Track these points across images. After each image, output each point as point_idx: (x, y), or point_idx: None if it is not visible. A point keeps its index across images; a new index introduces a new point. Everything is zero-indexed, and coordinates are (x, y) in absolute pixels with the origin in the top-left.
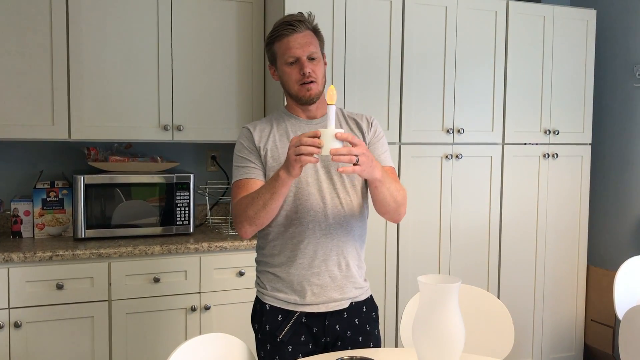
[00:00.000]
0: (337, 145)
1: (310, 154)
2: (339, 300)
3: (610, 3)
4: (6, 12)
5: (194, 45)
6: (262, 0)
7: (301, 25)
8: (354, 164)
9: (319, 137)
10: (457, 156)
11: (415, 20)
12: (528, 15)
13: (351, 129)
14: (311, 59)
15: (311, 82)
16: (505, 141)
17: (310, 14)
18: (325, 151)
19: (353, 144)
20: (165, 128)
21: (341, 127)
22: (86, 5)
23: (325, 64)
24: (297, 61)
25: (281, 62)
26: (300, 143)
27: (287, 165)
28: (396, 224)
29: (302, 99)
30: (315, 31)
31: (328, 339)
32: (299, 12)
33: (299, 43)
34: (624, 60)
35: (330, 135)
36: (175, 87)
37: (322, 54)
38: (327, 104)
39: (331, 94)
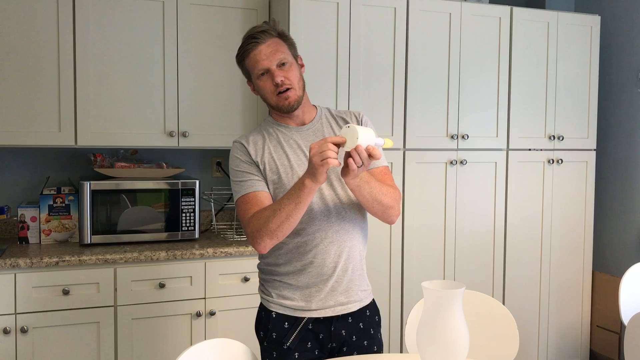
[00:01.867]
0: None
1: (335, 158)
2: (345, 304)
3: (614, 9)
4: (14, 20)
5: (199, 52)
6: (267, 7)
7: (264, 35)
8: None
9: (342, 142)
10: (461, 162)
11: (419, 26)
12: (532, 21)
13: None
14: (282, 64)
15: (287, 89)
16: (510, 147)
17: (274, 21)
18: (348, 146)
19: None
20: (170, 134)
21: (332, 130)
22: (93, 13)
23: (301, 66)
24: (268, 72)
25: (254, 77)
26: (325, 149)
27: (313, 173)
28: (401, 230)
29: (283, 108)
30: (282, 36)
31: (334, 345)
32: (263, 22)
33: (265, 54)
34: (628, 65)
35: (355, 135)
36: (180, 93)
37: (296, 57)
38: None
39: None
